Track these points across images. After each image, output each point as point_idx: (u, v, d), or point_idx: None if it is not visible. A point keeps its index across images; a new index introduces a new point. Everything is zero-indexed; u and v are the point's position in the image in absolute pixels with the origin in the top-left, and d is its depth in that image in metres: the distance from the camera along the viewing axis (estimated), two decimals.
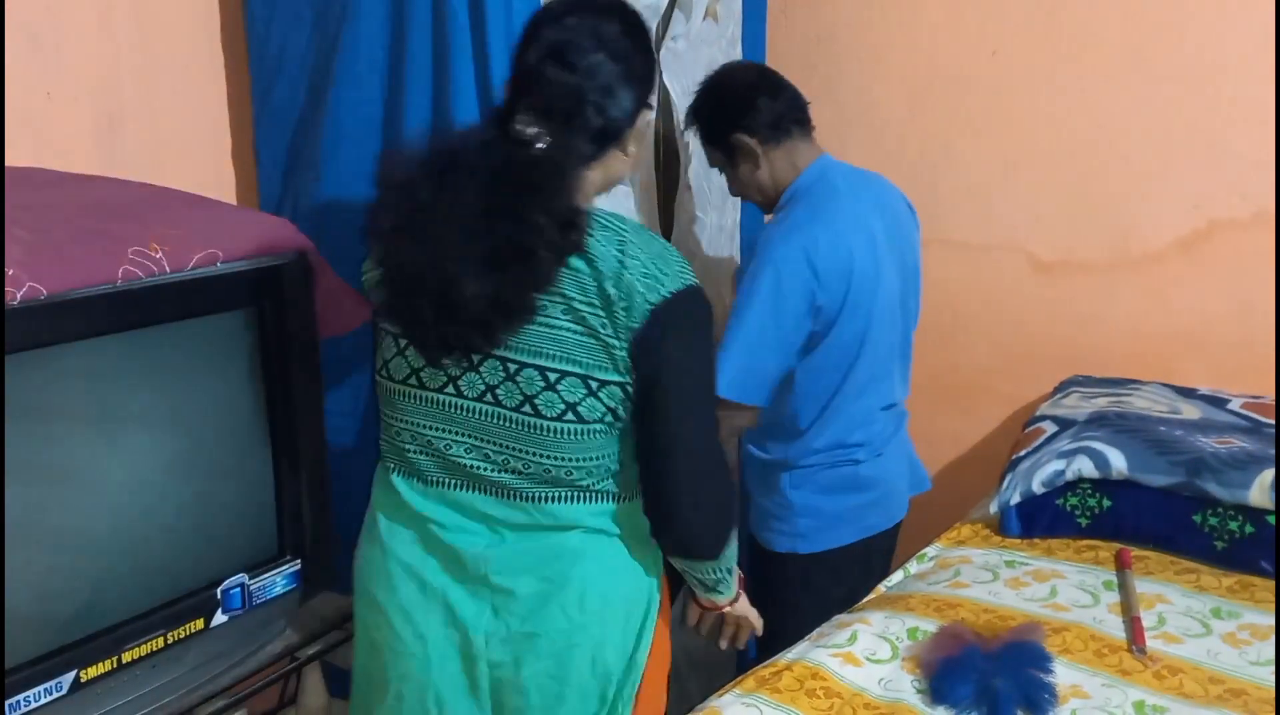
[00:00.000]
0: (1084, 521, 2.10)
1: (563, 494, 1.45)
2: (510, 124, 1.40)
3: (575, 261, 1.36)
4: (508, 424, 1.41)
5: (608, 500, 1.48)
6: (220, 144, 2.27)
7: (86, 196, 1.57)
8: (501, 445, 1.43)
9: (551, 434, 1.40)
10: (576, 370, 1.38)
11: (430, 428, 1.46)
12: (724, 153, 2.09)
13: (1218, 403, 2.31)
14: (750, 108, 2.03)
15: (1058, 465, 2.10)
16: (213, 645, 1.60)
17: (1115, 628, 1.77)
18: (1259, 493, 1.94)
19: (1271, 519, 1.93)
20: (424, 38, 1.94)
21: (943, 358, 2.77)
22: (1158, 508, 2.03)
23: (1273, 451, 2.01)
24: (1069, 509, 2.10)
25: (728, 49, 2.54)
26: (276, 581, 1.67)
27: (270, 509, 1.68)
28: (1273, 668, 1.65)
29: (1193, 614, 1.82)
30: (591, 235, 1.37)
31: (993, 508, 2.16)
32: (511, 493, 1.45)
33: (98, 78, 2.00)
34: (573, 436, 1.40)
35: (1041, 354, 2.65)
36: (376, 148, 2.06)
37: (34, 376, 1.33)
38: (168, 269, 1.43)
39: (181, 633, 1.53)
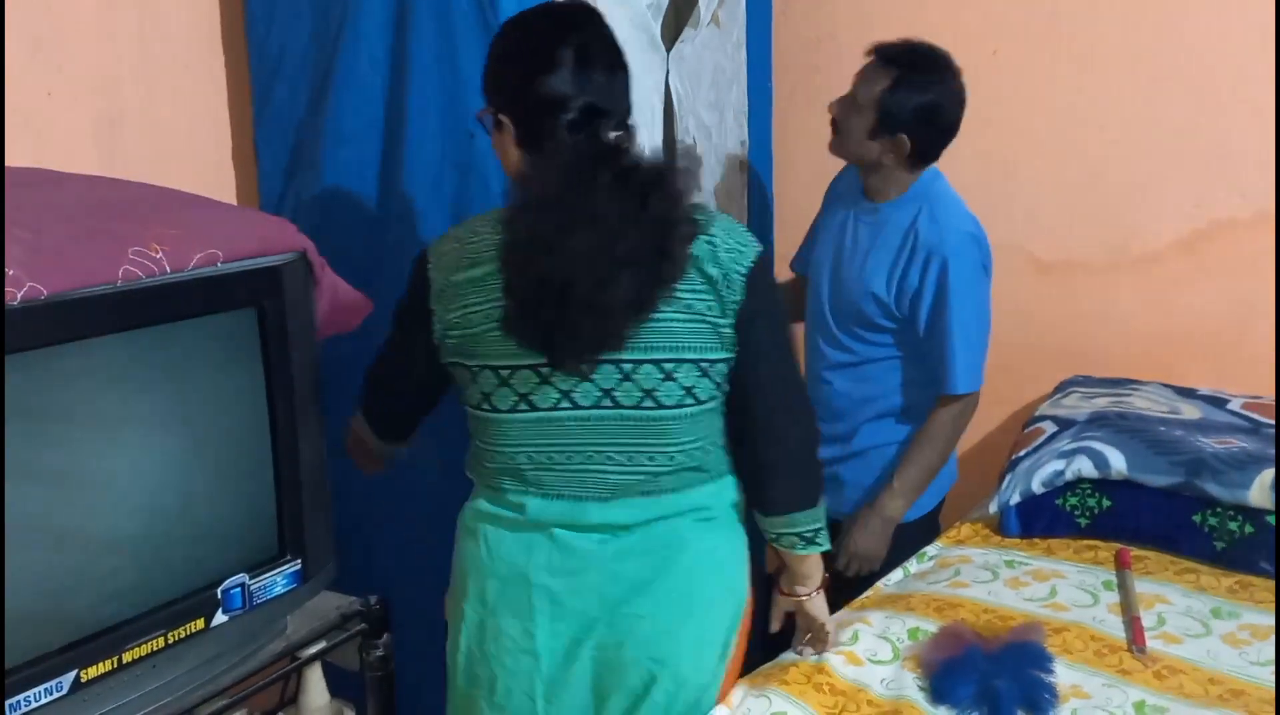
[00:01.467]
0: (1084, 521, 2.10)
1: (685, 481, 1.52)
2: (596, 132, 1.43)
3: None
4: (628, 422, 1.47)
5: (718, 476, 1.56)
6: (220, 144, 2.27)
7: (87, 196, 1.56)
8: (624, 444, 1.48)
9: (674, 421, 1.47)
10: (690, 356, 1.45)
11: (548, 446, 1.49)
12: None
13: (1218, 403, 2.31)
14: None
15: (1057, 465, 2.10)
16: (213, 645, 1.59)
17: (1115, 628, 1.77)
18: (1259, 493, 1.94)
19: (1271, 519, 1.93)
20: (429, 37, 1.94)
21: None
22: (1157, 508, 2.03)
23: (1272, 452, 2.01)
24: (1069, 509, 2.10)
25: (733, 54, 2.53)
26: (277, 581, 1.66)
27: (270, 508, 1.67)
28: (1272, 668, 1.65)
29: (1192, 614, 1.82)
30: None
31: (992, 507, 2.16)
32: (636, 490, 1.50)
33: (98, 78, 2.00)
34: (691, 419, 1.48)
35: (1041, 354, 2.65)
36: (377, 148, 2.06)
37: (34, 377, 1.32)
38: (168, 269, 1.42)
39: (182, 632, 1.53)
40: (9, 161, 1.78)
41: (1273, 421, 2.17)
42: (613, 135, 1.44)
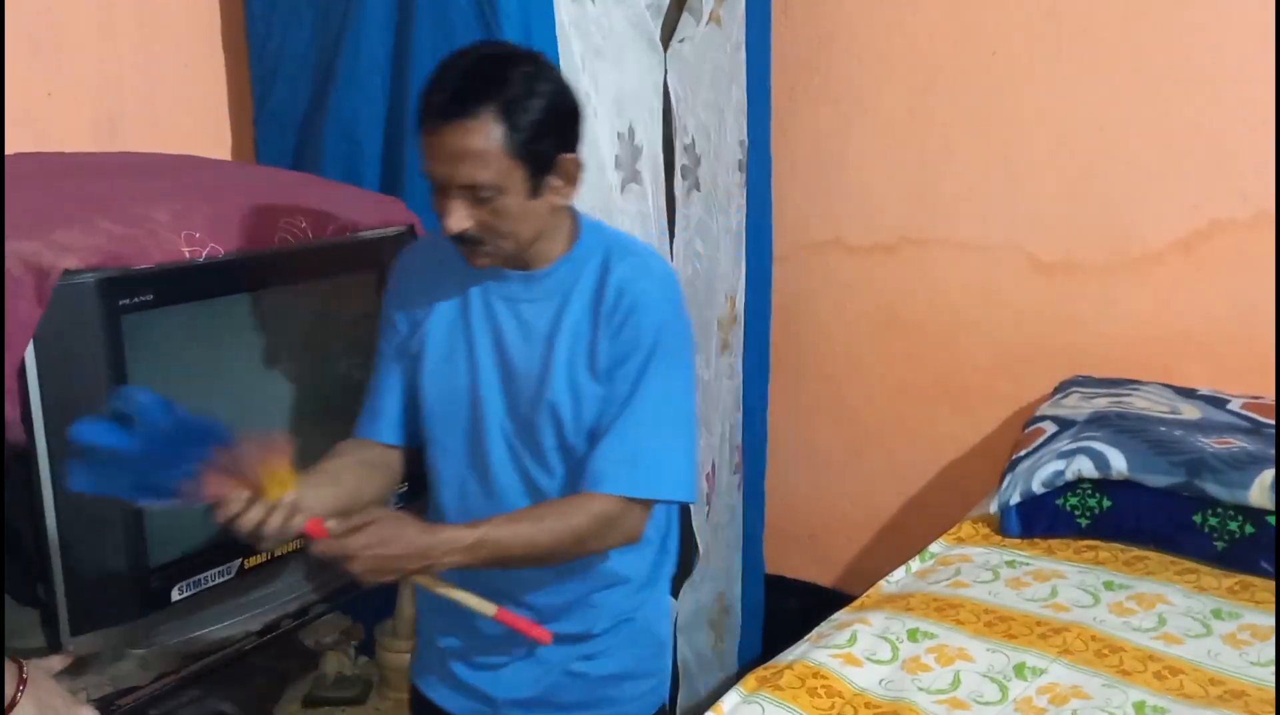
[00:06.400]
0: (1084, 522, 2.10)
1: None
2: None
3: None
4: None
5: None
6: (221, 144, 2.28)
7: (236, 176, 1.88)
8: None
9: None
10: None
11: None
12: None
13: (1218, 403, 2.31)
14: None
15: (1058, 465, 2.11)
16: None
17: (1116, 628, 1.77)
18: (1259, 493, 1.94)
19: (1271, 519, 1.94)
20: (428, 37, 1.94)
21: (943, 358, 2.77)
22: (1158, 508, 2.03)
23: (1272, 451, 2.01)
24: (1069, 509, 2.11)
25: (732, 53, 2.53)
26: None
27: None
28: (1273, 668, 1.65)
29: (1193, 614, 1.82)
30: None
31: (992, 507, 2.16)
32: None
33: (98, 78, 2.01)
34: None
35: (1041, 354, 2.65)
36: (379, 149, 2.06)
37: (221, 317, 1.63)
38: (311, 236, 1.69)
39: None
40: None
41: (1273, 421, 2.17)
42: None
